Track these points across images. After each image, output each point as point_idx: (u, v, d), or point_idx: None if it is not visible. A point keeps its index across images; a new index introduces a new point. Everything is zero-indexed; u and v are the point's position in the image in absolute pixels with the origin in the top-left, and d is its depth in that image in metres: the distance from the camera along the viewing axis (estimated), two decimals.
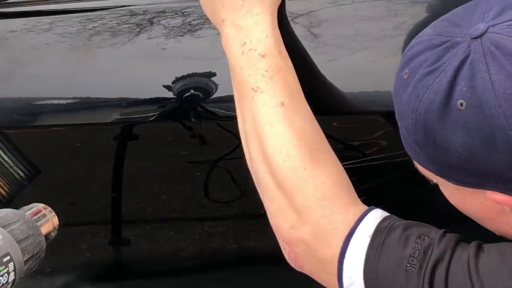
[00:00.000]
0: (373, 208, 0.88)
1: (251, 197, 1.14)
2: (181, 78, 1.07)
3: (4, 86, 1.12)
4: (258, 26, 0.94)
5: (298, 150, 0.90)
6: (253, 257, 1.23)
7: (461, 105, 0.73)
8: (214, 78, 1.07)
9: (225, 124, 1.10)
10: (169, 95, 1.07)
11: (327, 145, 0.93)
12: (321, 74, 1.03)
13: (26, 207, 0.85)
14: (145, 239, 1.24)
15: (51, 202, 0.90)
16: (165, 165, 1.18)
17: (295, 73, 0.93)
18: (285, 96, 0.91)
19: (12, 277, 0.75)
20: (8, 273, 0.75)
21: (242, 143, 0.95)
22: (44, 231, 0.83)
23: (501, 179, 0.75)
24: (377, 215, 0.87)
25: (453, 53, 0.75)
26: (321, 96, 1.03)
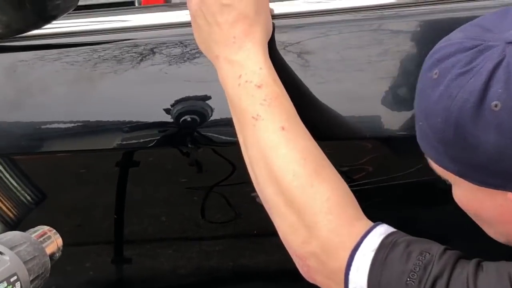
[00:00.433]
0: (379, 223, 0.91)
1: (245, 219, 1.19)
2: (179, 102, 1.10)
3: (12, 112, 1.15)
4: (251, 59, 0.98)
5: (304, 169, 0.93)
6: (248, 274, 1.25)
7: (496, 106, 0.75)
8: (209, 102, 1.10)
9: (220, 150, 1.14)
10: (168, 119, 1.10)
11: (328, 162, 0.96)
12: (314, 99, 1.06)
13: (32, 230, 0.89)
14: (146, 258, 1.27)
15: (58, 224, 0.94)
16: (165, 190, 1.22)
17: (289, 98, 0.97)
18: (285, 120, 0.95)
19: None
20: None
21: (247, 169, 0.99)
22: (49, 252, 0.87)
23: None
24: (382, 231, 0.89)
25: (487, 56, 0.77)
26: (315, 121, 1.06)
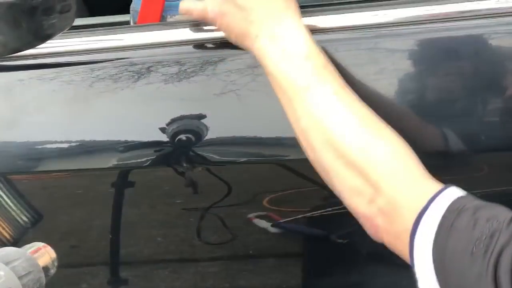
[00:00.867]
0: (448, 186, 0.88)
1: (242, 240, 1.19)
2: (174, 120, 1.11)
3: (8, 132, 1.17)
4: (293, 32, 1.00)
5: (363, 130, 0.93)
6: None
7: None
8: (205, 121, 1.11)
9: (216, 171, 1.14)
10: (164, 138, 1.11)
11: (386, 124, 0.95)
12: None
13: (27, 246, 0.89)
14: (142, 279, 1.26)
15: (54, 245, 0.94)
16: (162, 211, 1.22)
17: None
18: (337, 86, 0.96)
19: None
20: None
21: (299, 142, 0.98)
22: (43, 268, 0.87)
23: None
24: (451, 194, 0.86)
25: None
26: None
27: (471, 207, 0.83)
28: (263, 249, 1.18)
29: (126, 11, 1.45)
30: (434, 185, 0.89)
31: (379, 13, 1.11)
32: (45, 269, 0.88)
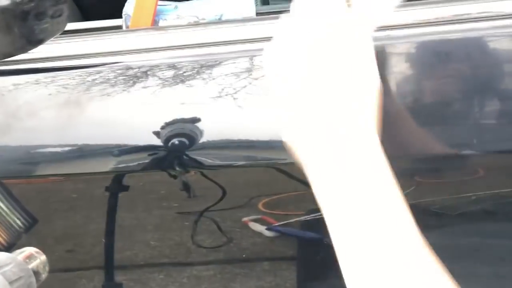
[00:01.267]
0: None
1: (237, 243, 1.20)
2: (168, 124, 1.11)
3: (2, 136, 1.16)
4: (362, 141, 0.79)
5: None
6: None
7: None
8: (199, 124, 1.10)
9: (209, 173, 1.14)
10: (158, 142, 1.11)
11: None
12: None
13: (18, 251, 0.89)
14: (137, 283, 1.26)
15: (49, 249, 0.94)
16: (156, 215, 1.22)
17: None
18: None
19: None
20: None
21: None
22: (35, 272, 0.88)
23: None
24: None
25: None
26: None
27: None
28: (258, 253, 1.18)
29: (118, 15, 1.46)
30: None
31: None
32: (37, 274, 0.89)
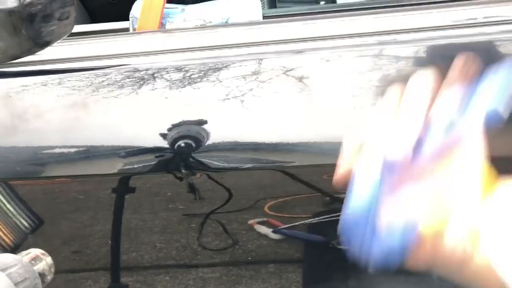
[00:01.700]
0: None
1: (242, 246, 1.20)
2: (175, 126, 1.11)
3: (10, 137, 1.17)
4: None
5: None
6: None
7: None
8: (207, 126, 1.10)
9: (216, 175, 1.14)
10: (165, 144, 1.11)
11: None
12: None
13: (23, 252, 0.89)
14: (143, 285, 1.27)
15: (55, 250, 0.94)
16: (162, 217, 1.22)
17: None
18: None
19: None
20: None
21: None
22: (40, 274, 0.88)
23: None
24: None
25: None
26: None
27: None
28: (263, 255, 1.18)
29: (125, 18, 1.46)
30: None
31: (384, 19, 1.11)
32: (42, 275, 0.89)
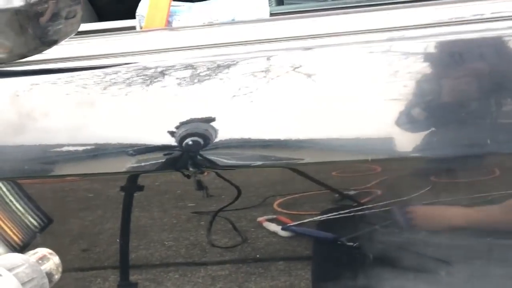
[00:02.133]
0: None
1: (252, 243, 1.20)
2: (183, 124, 1.11)
3: (18, 136, 1.17)
4: None
5: None
6: None
7: None
8: (215, 123, 1.11)
9: (224, 173, 1.14)
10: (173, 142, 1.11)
11: None
12: None
13: (31, 252, 0.90)
14: (152, 283, 1.27)
15: (64, 249, 0.94)
16: (172, 215, 1.22)
17: None
18: None
19: None
20: None
21: None
22: (47, 274, 0.89)
23: None
24: None
25: None
26: None
27: None
28: (273, 252, 1.18)
29: (132, 16, 1.46)
30: None
31: (391, 15, 1.11)
32: (49, 275, 0.89)
